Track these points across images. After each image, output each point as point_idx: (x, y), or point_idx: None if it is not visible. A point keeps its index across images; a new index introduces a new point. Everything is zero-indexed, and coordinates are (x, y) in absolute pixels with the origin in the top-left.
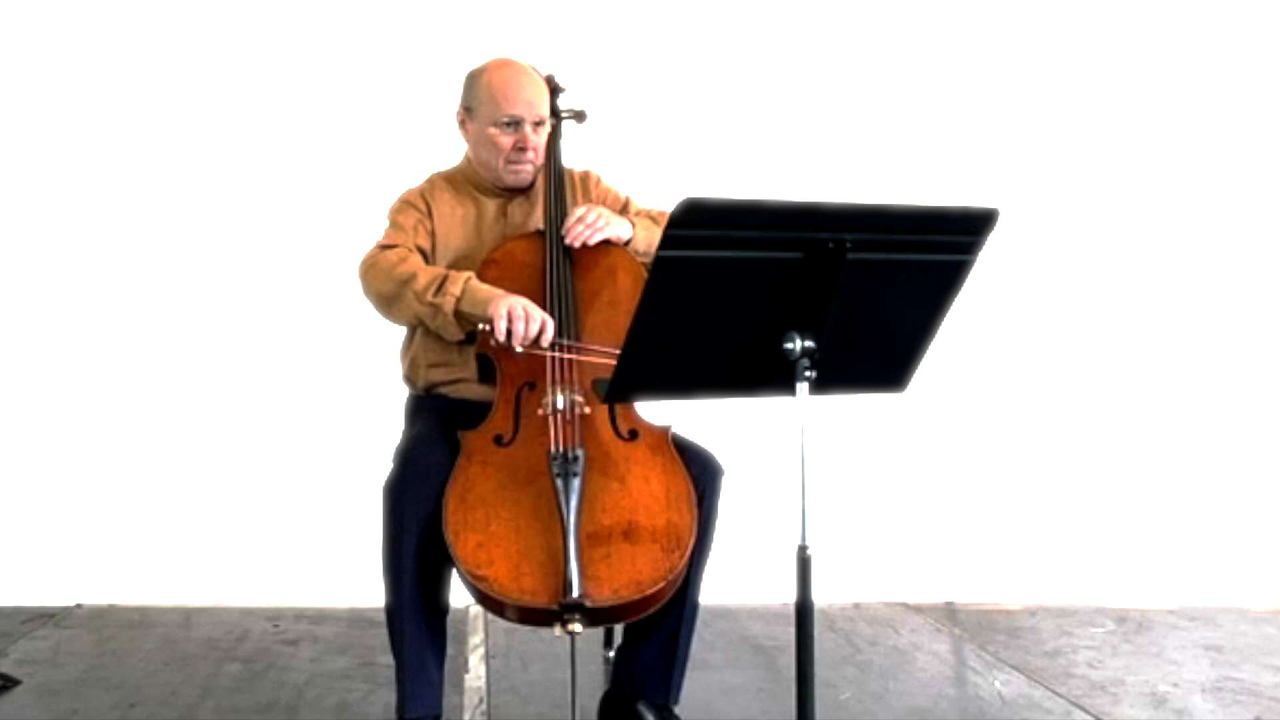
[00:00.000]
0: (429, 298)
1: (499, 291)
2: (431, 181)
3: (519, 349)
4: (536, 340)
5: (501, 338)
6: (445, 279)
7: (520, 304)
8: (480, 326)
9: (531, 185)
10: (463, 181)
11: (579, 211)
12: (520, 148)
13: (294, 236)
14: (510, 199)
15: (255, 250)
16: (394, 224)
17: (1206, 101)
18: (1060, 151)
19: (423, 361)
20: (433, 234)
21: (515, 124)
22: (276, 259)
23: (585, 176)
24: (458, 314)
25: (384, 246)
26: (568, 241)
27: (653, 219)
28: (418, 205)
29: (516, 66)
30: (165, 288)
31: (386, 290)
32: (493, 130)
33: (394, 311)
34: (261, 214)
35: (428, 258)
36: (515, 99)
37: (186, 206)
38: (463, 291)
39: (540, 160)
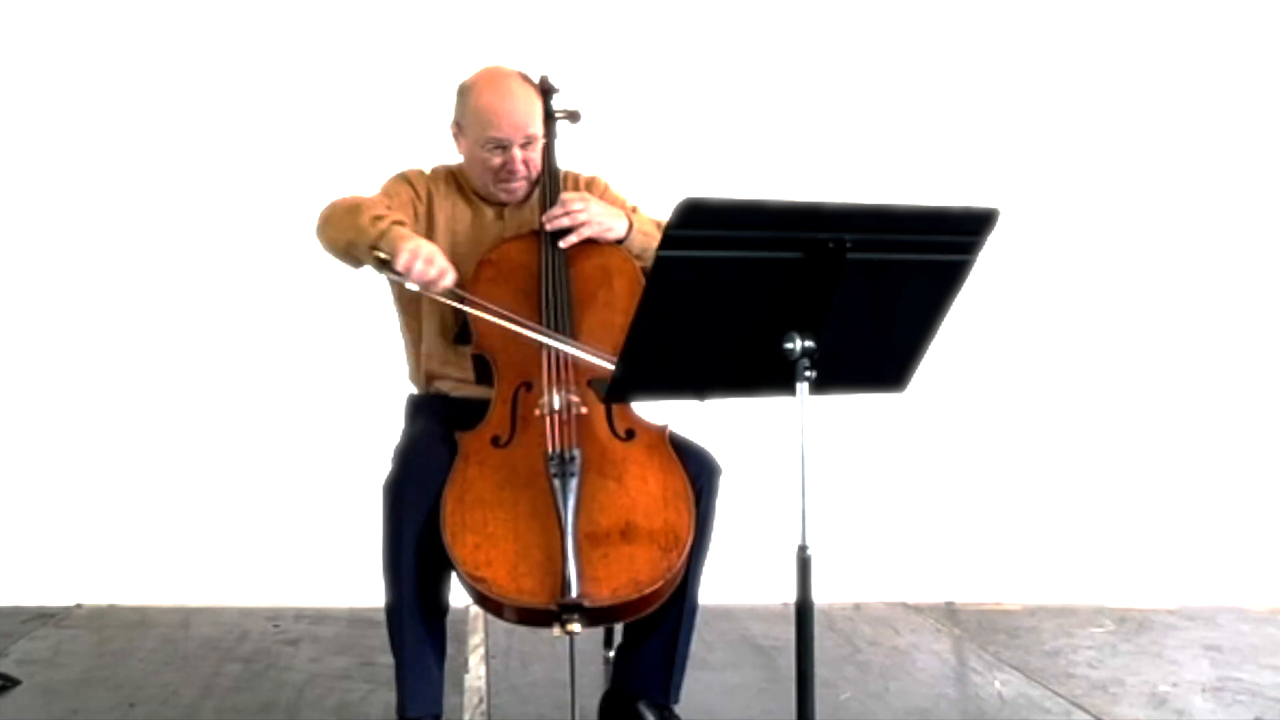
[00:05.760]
0: (362, 221)
1: (417, 236)
2: (436, 173)
3: (410, 286)
4: (431, 285)
5: (399, 268)
6: (385, 216)
7: (429, 249)
8: (377, 254)
9: (529, 194)
10: (464, 182)
11: (566, 197)
12: (510, 169)
13: (293, 237)
14: (506, 204)
15: (254, 251)
16: (384, 190)
17: (1206, 101)
18: (1060, 151)
19: (426, 363)
20: (427, 217)
21: (503, 147)
22: (275, 260)
23: (591, 182)
24: (376, 246)
25: (354, 196)
26: (547, 227)
27: (656, 225)
28: (416, 186)
29: (504, 84)
30: (165, 288)
31: (336, 213)
32: (482, 152)
33: (327, 230)
34: (261, 214)
35: None
36: (501, 122)
37: (187, 208)
38: (389, 226)
39: (534, 173)
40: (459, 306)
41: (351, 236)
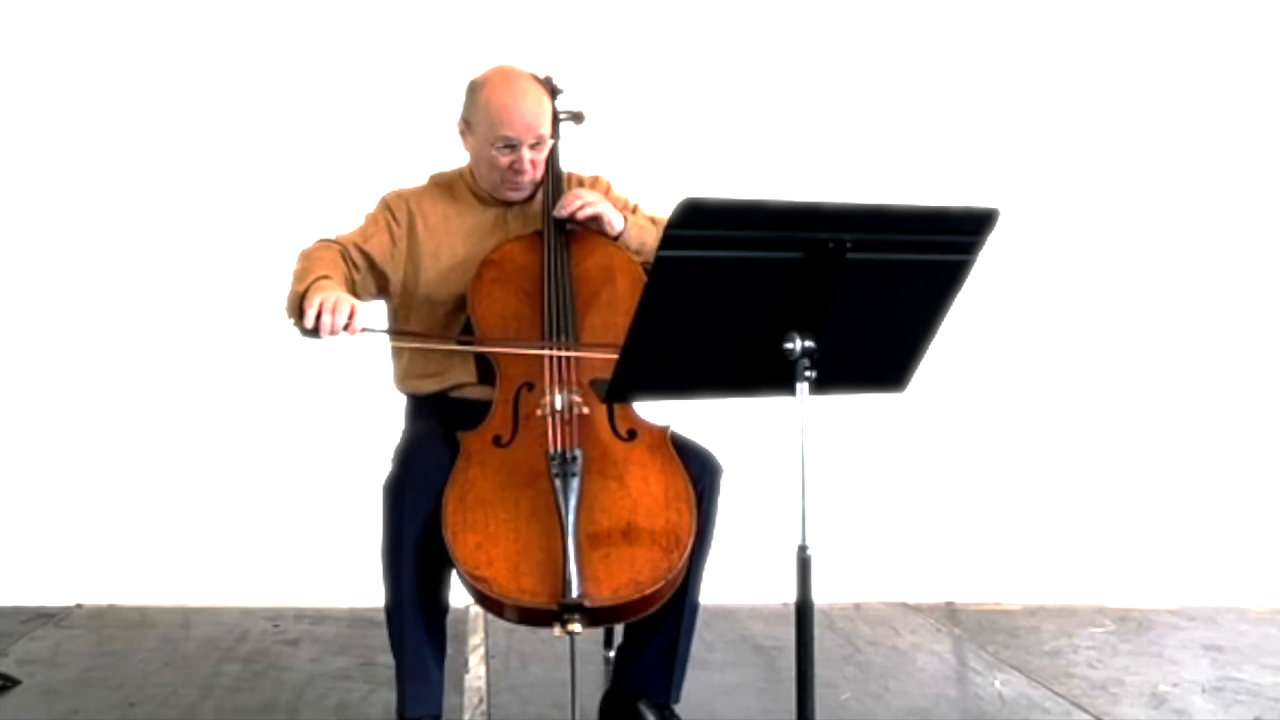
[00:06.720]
0: (289, 289)
1: (330, 289)
2: (424, 189)
3: (325, 335)
4: (347, 326)
5: (310, 325)
6: (303, 276)
7: (332, 297)
8: (292, 320)
9: (532, 196)
10: (462, 188)
11: (573, 190)
12: (517, 169)
13: (293, 237)
14: (509, 208)
15: (253, 251)
16: (365, 219)
17: (1206, 101)
18: (1060, 151)
19: (409, 373)
20: (407, 238)
21: (512, 146)
22: (275, 260)
23: (595, 181)
24: (301, 311)
25: (322, 239)
26: (557, 214)
27: (652, 221)
28: (395, 211)
29: (516, 83)
30: (165, 289)
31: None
32: (490, 151)
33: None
34: (261, 214)
35: (374, 264)
36: (512, 121)
37: (188, 208)
38: (305, 289)
39: (539, 174)
40: (405, 345)
41: (290, 314)
